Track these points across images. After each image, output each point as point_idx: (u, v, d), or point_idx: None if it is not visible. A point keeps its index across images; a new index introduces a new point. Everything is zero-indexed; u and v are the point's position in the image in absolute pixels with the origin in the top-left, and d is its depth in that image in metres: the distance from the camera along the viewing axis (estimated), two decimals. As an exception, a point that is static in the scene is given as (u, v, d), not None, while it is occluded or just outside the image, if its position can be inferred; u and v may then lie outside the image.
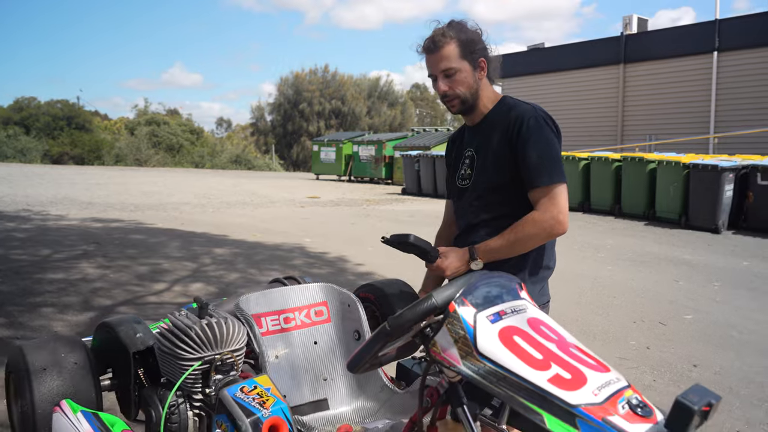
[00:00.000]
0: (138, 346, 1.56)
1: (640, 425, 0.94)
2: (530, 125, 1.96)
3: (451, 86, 2.02)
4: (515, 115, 2.00)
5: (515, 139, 1.97)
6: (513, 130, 1.98)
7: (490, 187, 2.07)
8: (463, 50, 2.00)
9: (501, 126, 2.03)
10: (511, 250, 1.96)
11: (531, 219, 1.94)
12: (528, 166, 1.96)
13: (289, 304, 1.84)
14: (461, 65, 2.00)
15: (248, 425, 1.27)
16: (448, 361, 1.10)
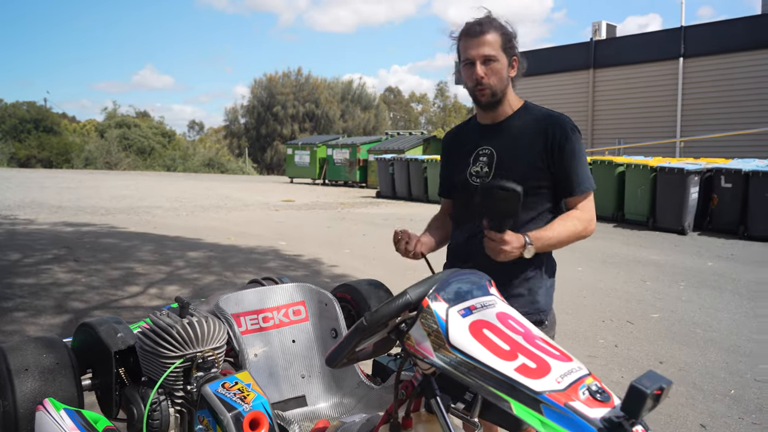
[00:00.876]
0: (119, 346, 1.60)
1: (598, 409, 1.01)
2: (570, 136, 2.02)
3: (488, 74, 2.01)
4: (554, 124, 2.04)
5: (556, 148, 2.01)
6: (553, 138, 2.02)
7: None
8: (504, 42, 2.01)
9: (534, 131, 2.05)
10: (558, 243, 2.01)
11: (575, 216, 2.03)
12: (569, 175, 2.03)
13: (268, 303, 1.88)
14: (501, 56, 2.00)
15: (230, 419, 1.32)
16: (422, 354, 1.17)
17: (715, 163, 11.47)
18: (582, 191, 2.06)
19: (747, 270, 8.07)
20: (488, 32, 1.99)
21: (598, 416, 1.00)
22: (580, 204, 2.06)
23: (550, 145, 2.02)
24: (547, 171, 2.04)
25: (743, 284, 7.24)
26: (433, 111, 62.02)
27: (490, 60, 1.99)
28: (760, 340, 5.22)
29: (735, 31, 15.20)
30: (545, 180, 2.05)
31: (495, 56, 1.99)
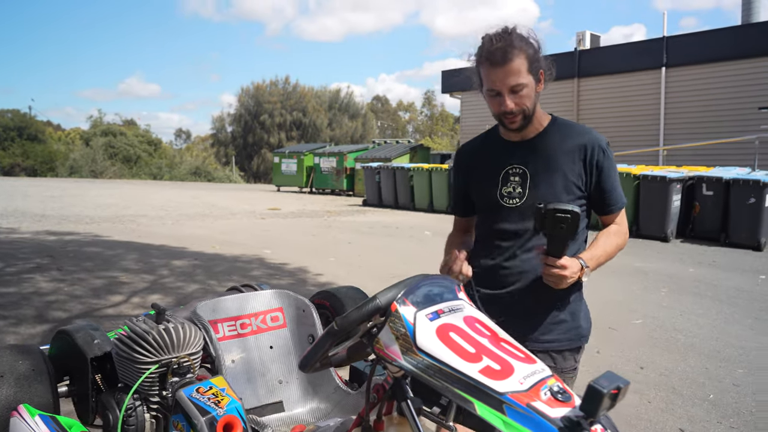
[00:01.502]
0: (95, 352, 1.61)
1: (559, 409, 1.04)
2: (607, 153, 2.00)
3: (519, 102, 1.87)
4: (591, 142, 1.97)
5: (594, 166, 1.96)
6: (591, 156, 1.96)
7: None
8: (530, 64, 1.85)
9: (569, 148, 1.97)
10: (606, 258, 1.98)
11: (616, 232, 2.03)
12: (607, 192, 2.00)
13: (246, 310, 1.90)
14: (528, 80, 1.86)
15: (203, 423, 1.34)
16: (391, 357, 1.19)
17: (697, 171, 11.64)
18: (620, 208, 2.06)
19: (727, 276, 8.18)
20: (514, 58, 1.81)
21: (558, 416, 1.03)
22: (617, 219, 2.06)
23: (588, 162, 1.97)
24: (583, 189, 1.98)
25: (723, 291, 7.34)
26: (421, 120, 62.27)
27: (519, 88, 1.84)
28: (739, 346, 5.29)
29: (716, 41, 15.45)
30: (581, 199, 1.99)
31: (523, 83, 1.84)
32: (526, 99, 1.87)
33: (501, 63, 1.80)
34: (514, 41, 1.81)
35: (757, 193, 10.19)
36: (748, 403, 4.14)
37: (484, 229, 2.09)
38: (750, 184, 10.30)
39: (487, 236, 2.07)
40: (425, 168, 16.35)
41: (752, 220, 10.31)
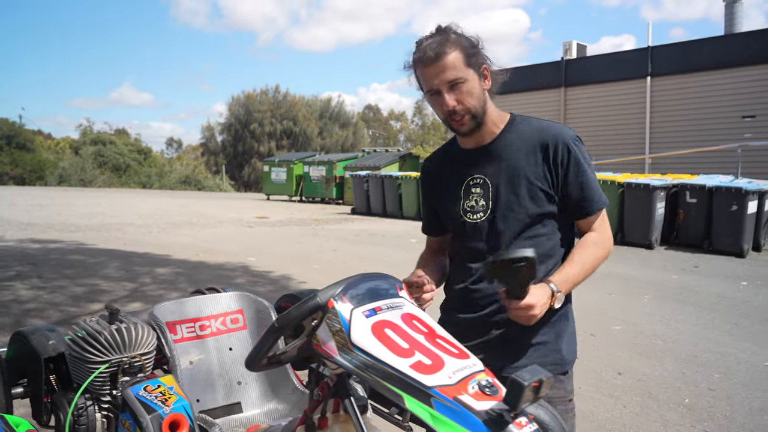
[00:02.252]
0: (49, 353, 1.62)
1: (485, 402, 1.06)
2: (573, 149, 1.76)
3: (460, 99, 1.70)
4: (552, 137, 1.76)
5: (559, 165, 1.75)
6: (555, 154, 1.75)
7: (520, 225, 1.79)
8: (467, 57, 1.70)
9: (530, 149, 1.77)
10: (584, 276, 1.75)
11: (594, 241, 1.79)
12: (580, 194, 1.77)
13: (205, 312, 1.92)
14: (468, 74, 1.70)
15: (149, 421, 1.35)
16: (327, 353, 1.21)
17: (681, 179, 11.73)
18: (596, 210, 1.81)
19: (709, 283, 8.24)
20: (446, 53, 1.68)
21: (484, 408, 1.06)
22: (596, 224, 1.82)
23: (552, 162, 1.75)
24: (552, 194, 1.77)
25: (705, 297, 7.40)
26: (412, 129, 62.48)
27: (457, 83, 1.69)
28: (717, 351, 5.33)
29: (700, 51, 15.65)
30: (552, 205, 1.77)
31: (461, 77, 1.69)
32: (469, 96, 1.70)
33: (434, 59, 1.67)
34: (445, 36, 1.70)
35: (740, 201, 10.29)
36: (723, 407, 4.17)
37: (454, 248, 1.93)
38: (732, 192, 10.40)
39: (457, 256, 1.91)
40: (413, 176, 16.41)
41: (735, 227, 10.41)
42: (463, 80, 1.69)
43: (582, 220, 1.83)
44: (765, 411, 4.10)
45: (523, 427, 1.05)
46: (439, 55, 1.67)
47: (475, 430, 1.03)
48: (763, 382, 4.63)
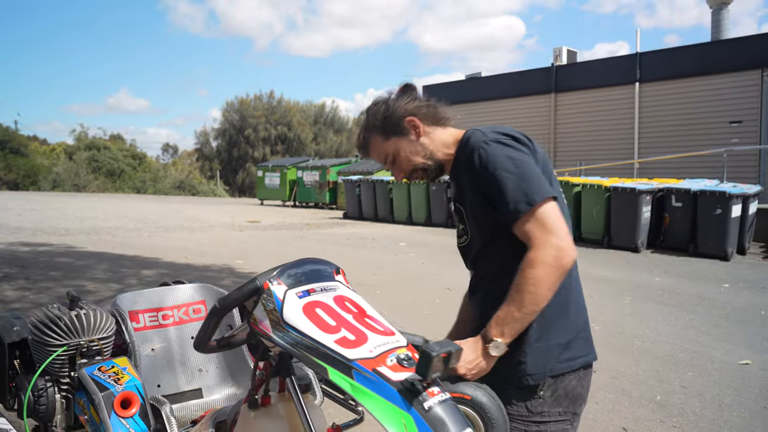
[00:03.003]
0: (13, 338, 1.70)
1: (401, 373, 1.15)
2: (482, 154, 1.65)
3: (401, 168, 1.84)
4: (470, 149, 1.70)
5: (478, 176, 1.67)
6: (472, 165, 1.68)
7: (485, 238, 1.76)
8: (384, 133, 1.82)
9: (465, 167, 1.73)
10: (528, 310, 1.56)
11: (529, 262, 1.55)
12: (501, 202, 1.62)
13: (167, 302, 2.00)
14: (393, 145, 1.82)
15: (101, 398, 1.44)
16: (263, 331, 1.30)
17: (667, 183, 11.85)
18: (516, 215, 1.59)
19: (691, 285, 8.35)
20: (367, 142, 1.87)
21: (399, 379, 1.15)
22: (530, 232, 1.57)
23: (473, 175, 1.69)
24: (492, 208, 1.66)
25: (686, 299, 7.50)
26: (406, 134, 62.60)
27: (389, 159, 1.84)
28: (693, 351, 5.43)
29: (687, 57, 15.83)
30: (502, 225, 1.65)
31: (388, 154, 1.83)
32: (406, 161, 1.82)
33: (366, 155, 1.91)
34: (360, 132, 1.89)
35: (724, 205, 10.41)
36: (694, 403, 4.27)
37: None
38: (716, 196, 10.52)
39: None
40: (404, 181, 16.48)
41: (719, 230, 10.52)
42: (393, 153, 1.82)
43: (515, 230, 1.62)
44: (734, 407, 4.20)
45: (435, 395, 1.14)
46: (364, 145, 1.89)
47: (390, 398, 1.12)
48: (735, 380, 4.73)
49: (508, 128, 1.75)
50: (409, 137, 1.81)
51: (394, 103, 1.82)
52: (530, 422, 1.69)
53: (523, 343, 1.66)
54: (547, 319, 1.67)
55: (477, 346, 1.57)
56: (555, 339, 1.69)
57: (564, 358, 1.70)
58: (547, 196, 1.59)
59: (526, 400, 1.69)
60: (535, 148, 1.74)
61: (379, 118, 1.82)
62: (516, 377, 1.68)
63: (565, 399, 1.72)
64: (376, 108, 1.85)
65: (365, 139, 1.87)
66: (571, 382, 1.72)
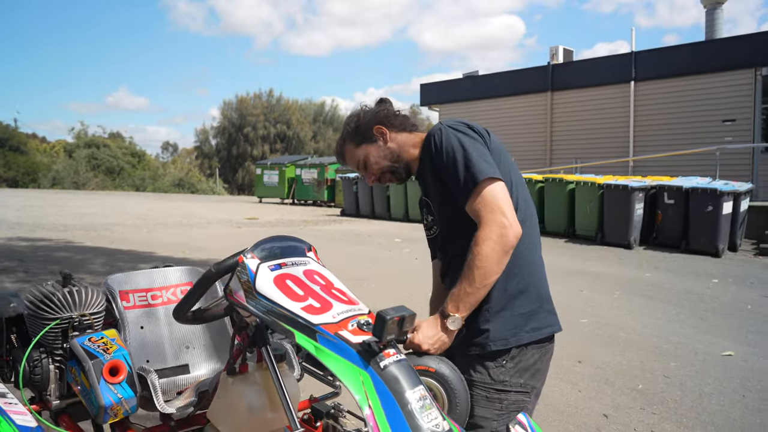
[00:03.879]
0: (9, 313, 1.83)
1: (361, 337, 1.27)
2: (436, 140, 1.82)
3: (371, 171, 2.01)
4: (428, 136, 1.88)
5: (432, 162, 1.84)
6: (428, 154, 1.86)
7: (449, 223, 1.92)
8: (355, 140, 2.01)
9: (425, 155, 1.91)
10: (479, 284, 1.69)
11: (476, 240, 1.68)
12: (453, 182, 1.78)
13: (156, 283, 2.12)
14: (363, 151, 1.99)
15: (91, 365, 1.56)
16: (238, 301, 1.42)
17: (660, 181, 11.96)
18: (467, 193, 1.73)
19: (680, 280, 8.47)
20: (342, 150, 2.06)
21: (358, 341, 1.27)
22: (477, 211, 1.71)
23: (431, 160, 1.85)
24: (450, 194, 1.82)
25: (674, 293, 7.62)
26: (406, 133, 62.72)
27: (361, 164, 2.02)
28: (678, 342, 5.55)
29: (681, 56, 15.94)
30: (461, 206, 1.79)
31: (359, 159, 2.01)
32: (376, 165, 1.99)
33: (342, 162, 2.12)
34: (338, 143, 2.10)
35: (715, 202, 10.52)
36: (674, 392, 4.39)
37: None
38: (708, 193, 10.63)
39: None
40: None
41: (710, 227, 10.63)
42: (363, 159, 2.00)
43: (467, 209, 1.76)
44: (713, 396, 4.32)
45: (390, 356, 1.26)
46: (340, 153, 2.09)
47: (349, 358, 1.24)
48: (716, 370, 4.85)
49: (467, 121, 1.90)
50: (377, 143, 1.99)
51: (365, 114, 2.02)
52: (492, 389, 1.80)
53: (487, 312, 1.79)
54: (510, 292, 1.81)
55: (436, 322, 1.69)
56: (518, 309, 1.82)
57: (530, 328, 1.82)
58: (491, 176, 1.72)
59: (489, 368, 1.80)
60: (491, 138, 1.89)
61: (351, 128, 2.02)
62: (480, 344, 1.80)
63: (527, 371, 1.84)
64: (350, 119, 2.05)
65: (341, 147, 2.07)
66: (533, 355, 1.85)
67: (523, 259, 1.83)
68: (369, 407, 1.17)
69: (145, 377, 1.68)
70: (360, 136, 2.00)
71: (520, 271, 1.83)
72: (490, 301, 1.79)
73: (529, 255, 1.87)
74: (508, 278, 1.79)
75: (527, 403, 1.87)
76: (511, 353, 1.81)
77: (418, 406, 1.19)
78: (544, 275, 1.96)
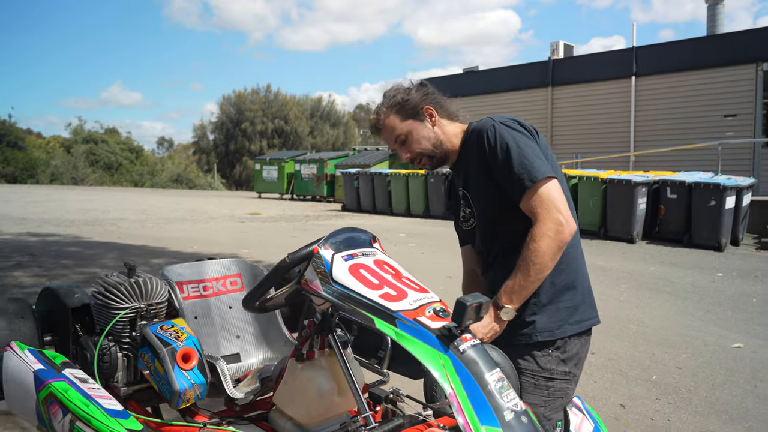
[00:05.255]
0: (75, 304, 1.89)
1: (439, 322, 1.34)
2: (491, 134, 1.85)
3: (410, 150, 1.97)
4: (478, 133, 1.89)
5: (486, 157, 1.86)
6: (482, 149, 1.87)
7: (491, 219, 1.96)
8: (402, 113, 1.96)
9: (473, 152, 1.92)
10: (534, 278, 1.77)
11: (532, 236, 1.75)
12: (506, 179, 1.82)
13: (207, 275, 2.19)
14: (408, 126, 1.95)
15: (165, 353, 1.62)
16: (313, 289, 1.49)
17: (662, 176, 12.05)
18: (523, 190, 1.79)
19: (686, 274, 8.57)
20: (382, 121, 1.98)
21: (437, 327, 1.34)
22: (533, 208, 1.78)
23: (484, 158, 1.87)
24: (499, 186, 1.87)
25: (680, 287, 7.71)
26: (403, 128, 62.71)
27: (401, 139, 1.97)
28: (687, 335, 5.64)
29: (682, 51, 16.04)
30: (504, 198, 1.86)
31: (401, 134, 1.96)
32: (416, 144, 1.96)
33: (377, 130, 2.02)
34: (378, 108, 2.01)
35: (717, 196, 10.62)
36: (688, 382, 4.48)
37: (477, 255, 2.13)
38: (711, 188, 10.73)
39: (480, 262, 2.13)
40: (402, 173, 16.68)
41: (713, 221, 10.73)
42: (405, 134, 1.96)
43: (521, 206, 1.81)
44: (726, 386, 4.41)
45: (468, 340, 1.33)
46: (377, 126, 2.01)
47: (429, 343, 1.31)
48: (728, 361, 4.94)
49: (517, 117, 1.96)
50: (424, 123, 1.97)
51: (416, 90, 1.99)
52: (540, 377, 1.91)
53: (535, 305, 1.89)
54: (557, 287, 1.91)
55: (490, 312, 1.77)
56: (564, 303, 1.92)
57: (574, 321, 1.93)
58: (548, 175, 1.79)
59: (537, 357, 1.91)
60: (538, 135, 1.95)
61: (398, 101, 1.97)
62: (527, 334, 1.90)
63: (570, 360, 1.94)
64: (395, 92, 2.00)
65: (380, 118, 2.00)
66: (576, 345, 1.96)
67: (569, 255, 1.92)
68: (451, 388, 1.24)
69: (214, 364, 1.75)
70: (407, 111, 1.96)
71: (567, 266, 1.92)
72: (539, 295, 1.88)
73: (574, 251, 1.96)
74: (556, 273, 1.86)
75: (570, 390, 1.97)
76: (556, 344, 1.92)
77: (497, 387, 1.27)
78: (586, 269, 2.05)
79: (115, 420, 1.39)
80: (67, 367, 1.61)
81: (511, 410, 1.24)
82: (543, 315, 1.90)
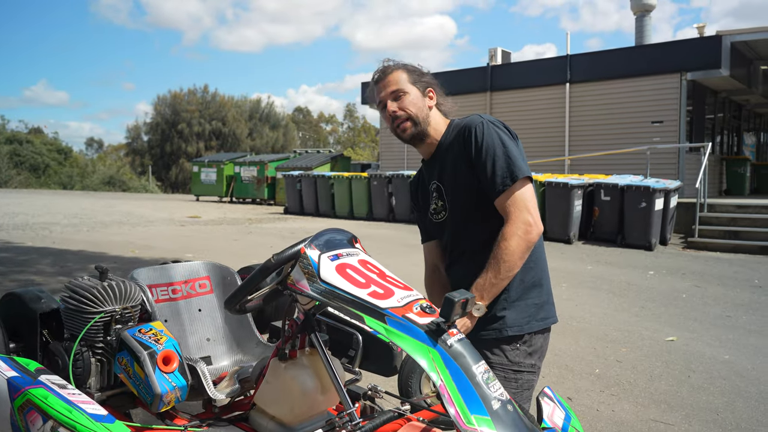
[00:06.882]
0: (43, 309, 1.84)
1: (426, 318, 1.40)
2: (477, 132, 1.89)
3: (402, 106, 1.98)
4: (464, 128, 1.94)
5: (470, 151, 1.90)
6: (466, 143, 1.91)
7: (465, 212, 2.00)
8: (411, 77, 2.00)
9: (456, 146, 1.96)
10: (503, 276, 1.84)
11: (503, 235, 1.83)
12: (485, 175, 1.87)
13: (176, 278, 2.17)
14: (409, 89, 1.98)
15: (146, 356, 1.61)
16: (300, 289, 1.52)
17: (596, 179, 12.55)
18: (503, 188, 1.85)
19: (620, 273, 8.96)
20: (392, 72, 2.00)
21: (425, 323, 1.39)
22: (507, 208, 1.85)
23: (466, 152, 1.92)
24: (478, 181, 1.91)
25: (616, 284, 8.07)
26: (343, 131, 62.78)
27: (399, 94, 1.98)
28: (625, 330, 5.92)
29: (613, 60, 16.75)
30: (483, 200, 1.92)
31: (402, 90, 1.98)
32: (410, 105, 1.98)
33: (382, 78, 2.02)
34: (393, 63, 2.05)
35: (647, 198, 11.16)
36: (628, 375, 4.70)
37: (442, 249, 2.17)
38: (641, 190, 11.26)
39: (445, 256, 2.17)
40: (345, 176, 16.70)
41: (644, 222, 11.27)
42: (404, 92, 1.99)
43: (496, 204, 1.88)
44: (663, 377, 4.66)
45: (454, 335, 1.39)
46: (385, 72, 2.02)
47: (418, 338, 1.37)
48: (663, 354, 5.22)
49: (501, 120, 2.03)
50: (423, 97, 2.03)
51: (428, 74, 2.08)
52: (509, 370, 2.00)
53: (505, 301, 1.97)
54: (526, 284, 2.01)
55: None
56: (532, 300, 2.02)
57: (540, 317, 2.05)
58: (528, 175, 1.89)
59: (506, 351, 1.99)
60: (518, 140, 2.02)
61: (414, 67, 2.04)
62: (498, 329, 1.98)
63: (536, 353, 2.06)
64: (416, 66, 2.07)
65: (393, 68, 2.03)
66: (539, 340, 2.08)
67: (536, 254, 2.02)
68: (441, 380, 1.30)
69: (194, 366, 1.75)
70: (416, 80, 2.01)
71: (536, 264, 2.03)
72: (509, 291, 1.96)
73: (541, 251, 2.07)
74: (525, 271, 1.96)
75: (535, 381, 2.09)
76: (524, 338, 2.02)
77: (484, 378, 1.33)
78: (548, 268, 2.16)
79: (102, 425, 1.37)
80: (43, 374, 1.57)
81: (498, 400, 1.31)
82: (512, 311, 1.98)
